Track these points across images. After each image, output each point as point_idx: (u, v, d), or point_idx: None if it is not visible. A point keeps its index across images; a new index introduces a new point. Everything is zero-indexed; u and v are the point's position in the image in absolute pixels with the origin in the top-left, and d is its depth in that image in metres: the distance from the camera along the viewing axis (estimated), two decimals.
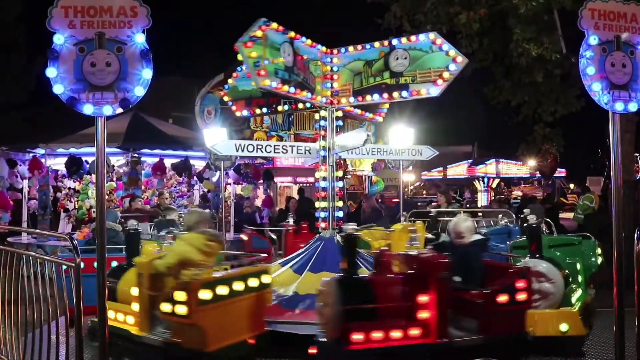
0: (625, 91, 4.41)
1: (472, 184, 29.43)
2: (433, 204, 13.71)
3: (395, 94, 6.67)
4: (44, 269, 4.48)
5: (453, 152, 30.84)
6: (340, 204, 7.15)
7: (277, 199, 20.19)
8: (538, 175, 25.68)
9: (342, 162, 14.26)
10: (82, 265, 4.96)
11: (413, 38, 6.68)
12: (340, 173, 7.34)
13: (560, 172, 29.69)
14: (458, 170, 29.63)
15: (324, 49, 6.98)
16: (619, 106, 4.40)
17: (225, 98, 8.17)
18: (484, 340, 4.52)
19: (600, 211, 12.61)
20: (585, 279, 6.10)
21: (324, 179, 7.01)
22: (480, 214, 12.12)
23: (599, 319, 5.90)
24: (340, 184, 7.20)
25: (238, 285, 4.75)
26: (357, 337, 4.23)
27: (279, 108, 7.76)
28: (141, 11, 3.95)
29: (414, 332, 4.36)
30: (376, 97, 6.82)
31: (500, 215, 9.72)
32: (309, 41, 6.67)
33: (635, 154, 15.03)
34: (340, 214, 7.16)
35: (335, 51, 7.06)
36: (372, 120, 9.29)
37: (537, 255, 5.65)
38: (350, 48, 6.96)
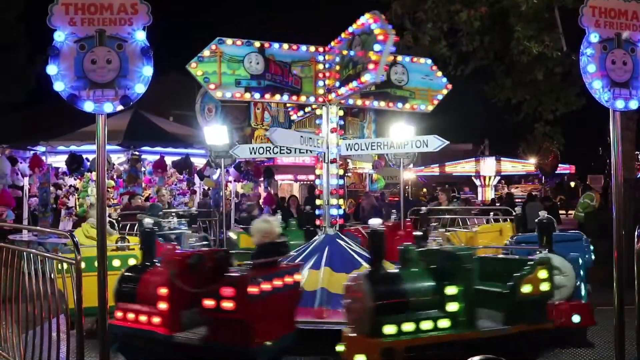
0: (625, 89, 4.40)
1: (471, 182, 29.44)
2: (433, 203, 13.70)
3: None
4: (44, 267, 4.49)
5: (452, 150, 30.85)
6: (341, 201, 7.15)
7: (278, 196, 20.19)
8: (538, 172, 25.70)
9: (343, 160, 14.27)
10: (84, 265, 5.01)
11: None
12: (341, 171, 7.34)
13: (565, 169, 29.70)
14: (458, 168, 29.65)
15: (312, 48, 7.06)
16: (620, 104, 4.40)
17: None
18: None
19: (600, 209, 12.59)
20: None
21: (326, 177, 7.03)
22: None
23: (598, 317, 5.90)
24: (341, 181, 7.20)
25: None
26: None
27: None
28: (141, 8, 3.95)
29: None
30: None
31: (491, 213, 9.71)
32: (285, 45, 6.93)
33: (636, 152, 15.01)
34: (340, 211, 7.16)
35: (326, 48, 7.10)
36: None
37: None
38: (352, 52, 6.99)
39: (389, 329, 4.30)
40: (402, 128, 8.99)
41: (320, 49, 7.09)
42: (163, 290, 4.73)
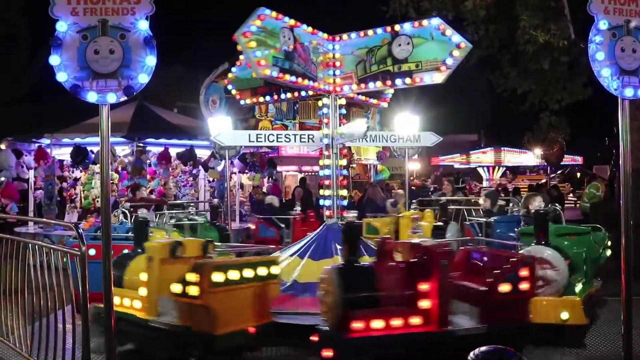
0: (635, 77, 4.34)
1: (476, 173, 29.31)
2: (437, 193, 13.63)
3: (398, 81, 6.54)
4: (50, 258, 4.49)
5: (458, 140, 30.73)
6: (344, 192, 7.13)
7: (283, 187, 20.19)
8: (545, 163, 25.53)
9: (347, 150, 14.23)
10: (93, 252, 5.10)
11: (416, 24, 6.55)
12: (344, 162, 7.33)
13: (573, 160, 29.49)
14: (465, 158, 29.49)
15: (325, 35, 6.89)
16: (629, 92, 4.34)
17: (229, 87, 8.15)
18: (486, 329, 4.47)
19: (607, 200, 12.51)
20: (591, 270, 6.04)
21: (327, 167, 6.99)
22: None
23: (606, 308, 5.88)
24: (345, 172, 7.19)
25: (248, 272, 4.75)
26: (358, 325, 4.22)
27: (282, 96, 7.71)
28: None
29: (415, 320, 4.35)
30: (379, 84, 6.70)
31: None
32: (309, 28, 6.56)
33: None
34: (345, 202, 7.15)
35: (337, 38, 6.95)
36: (376, 106, 9.21)
37: (543, 242, 5.63)
38: (353, 35, 6.87)
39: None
40: (406, 118, 8.94)
41: (338, 38, 6.91)
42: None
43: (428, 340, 4.35)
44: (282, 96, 7.68)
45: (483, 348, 2.52)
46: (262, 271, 4.88)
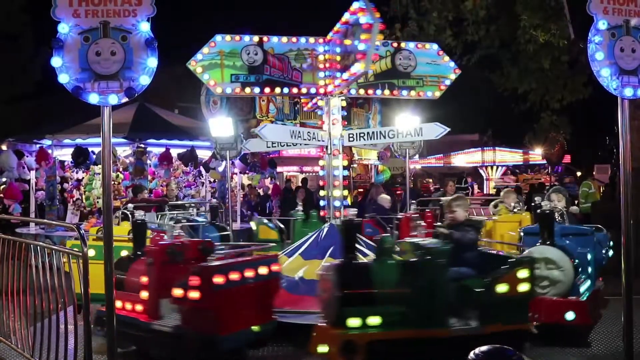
0: (634, 76, 4.33)
1: (477, 173, 29.27)
2: (438, 193, 13.62)
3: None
4: (52, 259, 4.51)
5: (459, 140, 30.65)
6: (345, 193, 7.14)
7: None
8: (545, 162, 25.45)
9: (348, 151, 14.25)
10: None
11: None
12: (345, 162, 7.35)
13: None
14: (464, 158, 29.46)
15: (312, 39, 7.07)
16: (628, 92, 4.34)
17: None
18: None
19: (607, 198, 12.46)
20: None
21: (328, 167, 7.02)
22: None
23: (607, 307, 5.87)
24: (345, 172, 7.20)
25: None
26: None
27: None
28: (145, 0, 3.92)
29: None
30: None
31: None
32: (284, 38, 7.00)
33: None
34: (343, 202, 7.14)
35: (327, 39, 7.10)
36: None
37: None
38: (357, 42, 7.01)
39: (353, 321, 4.26)
40: (407, 118, 8.95)
41: (321, 40, 7.06)
42: (144, 279, 4.94)
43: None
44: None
45: (483, 348, 2.51)
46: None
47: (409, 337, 4.33)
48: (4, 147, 12.96)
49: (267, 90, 6.94)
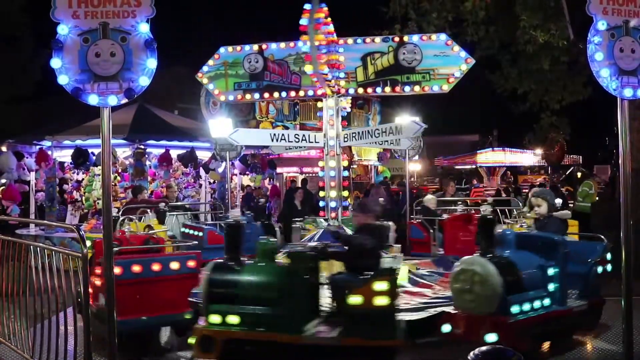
0: (634, 77, 4.33)
1: (478, 173, 29.27)
2: (438, 193, 13.60)
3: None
4: (51, 260, 4.51)
5: (458, 141, 30.69)
6: (345, 193, 7.15)
7: (283, 189, 20.20)
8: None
9: (348, 151, 14.24)
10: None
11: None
12: (345, 163, 7.36)
13: (574, 161, 29.28)
14: (465, 159, 29.45)
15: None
16: (628, 92, 4.33)
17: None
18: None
19: (607, 199, 12.45)
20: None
21: (327, 168, 7.05)
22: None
23: (606, 308, 5.85)
24: (345, 173, 7.22)
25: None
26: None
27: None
28: (145, 0, 3.91)
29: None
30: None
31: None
32: (282, 44, 7.40)
33: None
34: (343, 203, 7.16)
35: (340, 41, 7.18)
36: None
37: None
38: (359, 40, 7.09)
39: (214, 318, 4.49)
40: (407, 119, 8.95)
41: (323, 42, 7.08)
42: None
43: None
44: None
45: (483, 348, 2.51)
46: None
47: (265, 340, 4.44)
48: (3, 149, 12.96)
49: (267, 95, 7.44)
